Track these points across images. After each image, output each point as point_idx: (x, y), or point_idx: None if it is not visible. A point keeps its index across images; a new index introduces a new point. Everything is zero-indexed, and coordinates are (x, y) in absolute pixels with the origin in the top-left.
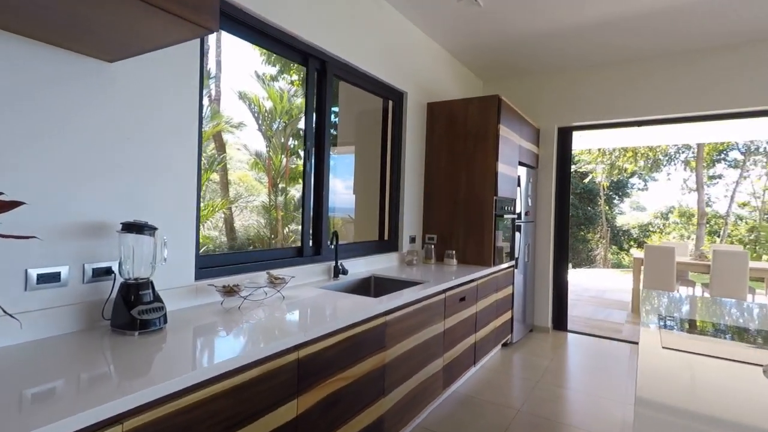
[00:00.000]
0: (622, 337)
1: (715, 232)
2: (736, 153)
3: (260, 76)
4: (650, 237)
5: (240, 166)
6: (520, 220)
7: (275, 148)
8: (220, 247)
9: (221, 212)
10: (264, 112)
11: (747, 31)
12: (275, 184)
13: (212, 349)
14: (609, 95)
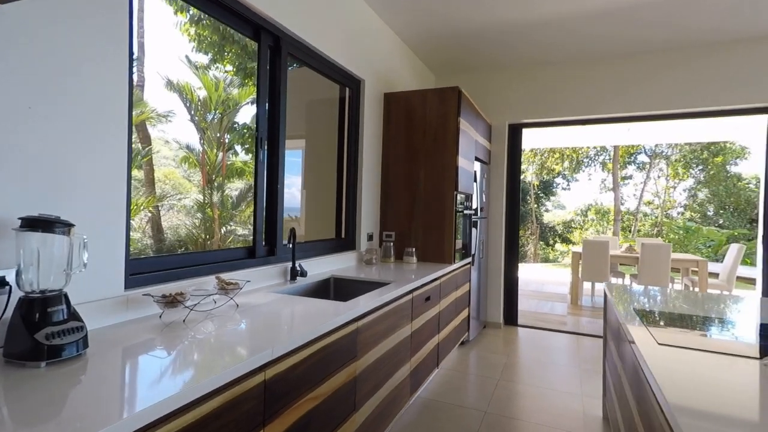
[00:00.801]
0: (567, 329)
1: (627, 228)
2: (644, 156)
3: (192, 62)
4: (572, 233)
5: (165, 163)
6: (476, 216)
7: (210, 141)
8: (145, 251)
9: (146, 211)
10: (197, 102)
11: (691, 35)
12: (210, 181)
13: (151, 380)
14: (558, 93)
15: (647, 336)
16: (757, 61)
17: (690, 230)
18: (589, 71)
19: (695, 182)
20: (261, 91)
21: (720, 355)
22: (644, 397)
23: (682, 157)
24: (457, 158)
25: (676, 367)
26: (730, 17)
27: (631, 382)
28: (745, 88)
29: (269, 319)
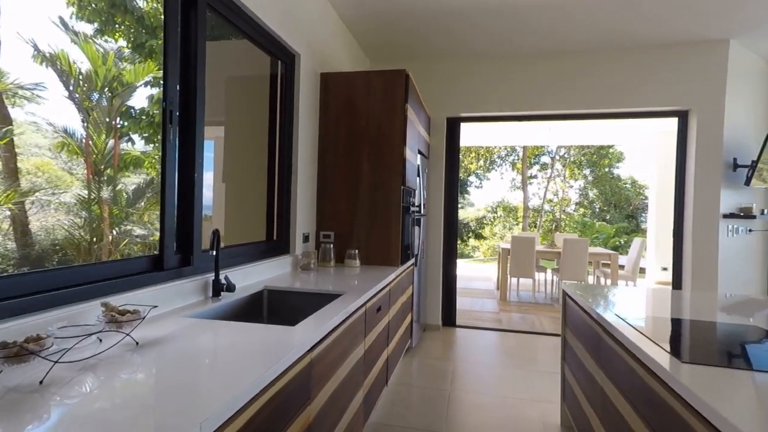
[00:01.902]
0: (503, 326)
1: (533, 224)
2: (546, 158)
3: (69, 27)
4: (484, 229)
5: (38, 153)
6: (419, 213)
7: (97, 125)
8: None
9: (5, 209)
10: (77, 77)
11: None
12: (98, 173)
13: None
14: (497, 88)
15: (661, 354)
16: (672, 66)
17: (586, 225)
18: (529, 67)
19: (585, 182)
20: (169, 57)
21: (748, 372)
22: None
23: (576, 159)
24: (404, 149)
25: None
26: (659, 24)
27: (635, 399)
28: (662, 91)
29: (185, 366)
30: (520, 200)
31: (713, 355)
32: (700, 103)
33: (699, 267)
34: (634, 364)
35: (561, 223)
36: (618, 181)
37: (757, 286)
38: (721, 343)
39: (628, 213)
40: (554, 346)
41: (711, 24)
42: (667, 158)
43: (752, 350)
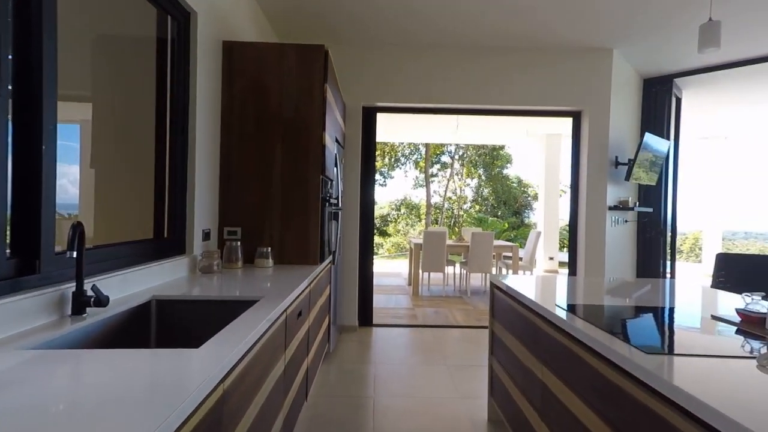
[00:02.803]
0: (419, 322)
1: (435, 221)
2: (447, 157)
3: None
4: (388, 226)
5: None
6: (337, 206)
7: None
8: None
9: None
10: None
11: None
12: None
13: None
14: (414, 79)
15: (614, 340)
16: (568, 69)
17: (482, 220)
18: (444, 61)
19: (480, 181)
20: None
21: (716, 359)
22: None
23: (473, 159)
24: (323, 135)
25: (712, 383)
26: (557, 30)
27: (585, 389)
28: (558, 92)
29: None
30: (423, 198)
31: (653, 338)
32: (591, 104)
33: (591, 255)
34: (587, 356)
35: (459, 220)
36: (507, 180)
37: (631, 270)
38: (645, 326)
39: (515, 209)
40: (470, 338)
41: (598, 34)
42: (552, 159)
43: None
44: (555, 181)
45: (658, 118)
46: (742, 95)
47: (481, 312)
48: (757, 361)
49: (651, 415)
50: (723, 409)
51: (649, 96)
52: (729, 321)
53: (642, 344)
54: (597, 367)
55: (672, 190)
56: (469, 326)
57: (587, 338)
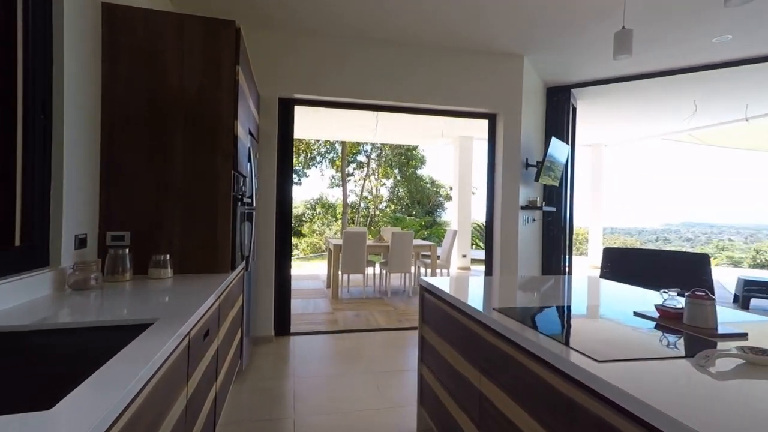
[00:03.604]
0: (340, 327)
1: (351, 221)
2: (363, 156)
3: None
4: (303, 226)
5: None
6: (251, 205)
7: None
8: None
9: None
10: None
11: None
12: None
13: None
14: (333, 71)
15: (561, 347)
16: (485, 72)
17: (398, 220)
18: (365, 53)
19: (395, 181)
20: None
21: (655, 361)
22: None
23: (389, 159)
24: (235, 125)
25: (646, 386)
26: (475, 33)
27: (535, 405)
28: (475, 93)
29: None
30: (339, 197)
31: (600, 343)
32: (505, 108)
33: (505, 252)
34: (533, 365)
35: (375, 219)
36: (421, 180)
37: (537, 266)
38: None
39: (428, 209)
40: (394, 341)
41: (511, 40)
42: (465, 160)
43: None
44: (468, 182)
45: (558, 125)
46: (621, 109)
47: (402, 312)
48: (695, 361)
49: (607, 428)
50: (685, 420)
51: (552, 103)
52: (649, 317)
53: (590, 350)
54: (545, 377)
55: (570, 191)
56: (391, 328)
57: (536, 347)
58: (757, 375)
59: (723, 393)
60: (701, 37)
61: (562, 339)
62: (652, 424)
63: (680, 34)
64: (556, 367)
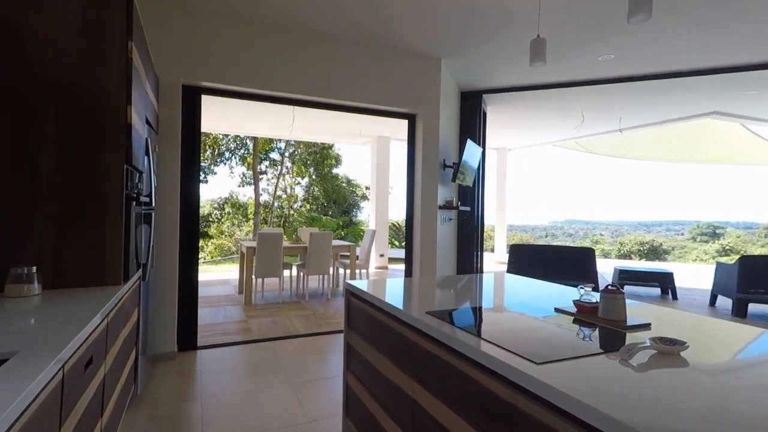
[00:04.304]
0: (255, 336)
1: (264, 221)
2: (276, 154)
3: None
4: (210, 227)
5: None
6: (150, 205)
7: None
8: None
9: None
10: None
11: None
12: None
13: None
14: (247, 59)
15: (499, 351)
16: (405, 72)
17: (315, 219)
18: (284, 44)
19: (311, 180)
20: None
21: (587, 358)
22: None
23: (303, 157)
24: (129, 111)
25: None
26: (396, 33)
27: (472, 412)
28: (396, 93)
29: None
30: (251, 196)
31: (535, 344)
32: (424, 108)
33: (425, 252)
34: (469, 369)
35: (290, 219)
36: (337, 180)
37: (453, 265)
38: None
39: (344, 208)
40: (314, 347)
41: (426, 42)
42: (383, 160)
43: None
44: (385, 182)
45: (472, 128)
46: (522, 117)
47: (321, 316)
48: (619, 355)
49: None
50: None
51: (466, 107)
52: (569, 312)
53: (529, 353)
54: (483, 382)
55: (481, 191)
56: (310, 334)
57: (475, 353)
58: (667, 363)
59: (644, 384)
60: (590, 54)
61: (496, 340)
62: (591, 424)
63: (574, 50)
64: (496, 371)
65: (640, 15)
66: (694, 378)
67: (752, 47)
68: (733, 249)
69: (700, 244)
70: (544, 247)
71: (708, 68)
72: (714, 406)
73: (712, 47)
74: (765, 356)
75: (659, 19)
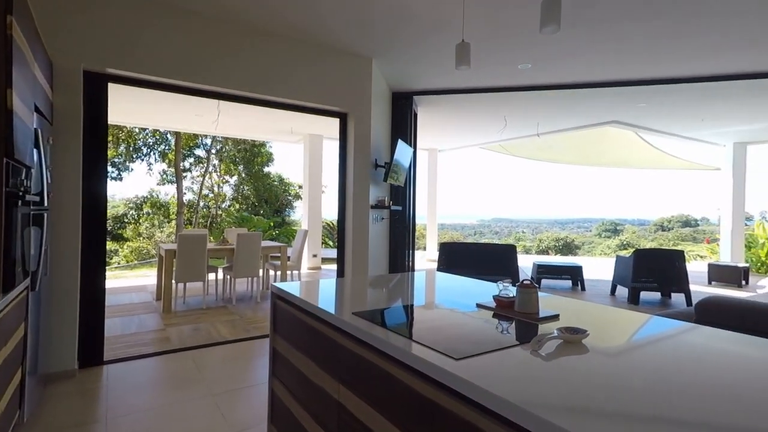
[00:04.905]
0: (174, 346)
1: (188, 221)
2: (201, 151)
3: None
4: (125, 229)
5: None
6: (41, 205)
7: None
8: None
9: None
10: None
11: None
12: None
13: None
14: (167, 47)
15: (425, 350)
16: (337, 70)
17: (245, 219)
18: (210, 31)
19: (240, 179)
20: None
21: (495, 353)
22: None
23: (232, 154)
24: (10, 95)
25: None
26: (328, 28)
27: (396, 412)
28: (327, 91)
29: None
30: (174, 195)
31: (454, 340)
32: (356, 107)
33: (357, 251)
34: (393, 369)
35: (218, 219)
36: (268, 178)
37: (385, 264)
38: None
39: (276, 208)
40: (240, 353)
41: (357, 41)
42: (315, 159)
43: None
44: (318, 180)
45: (403, 128)
46: (451, 119)
47: (250, 320)
48: (530, 346)
49: (466, 426)
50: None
51: (397, 107)
52: (489, 307)
53: (448, 349)
54: (406, 381)
55: (412, 191)
56: (237, 340)
57: (397, 351)
58: (571, 351)
59: (552, 371)
60: (511, 62)
61: (421, 339)
62: (507, 417)
63: (497, 57)
64: (418, 369)
65: (551, 26)
66: (595, 361)
67: (641, 64)
68: (630, 243)
69: (604, 239)
70: (472, 244)
71: (605, 81)
72: (612, 384)
73: (608, 63)
74: (652, 338)
75: (566, 35)
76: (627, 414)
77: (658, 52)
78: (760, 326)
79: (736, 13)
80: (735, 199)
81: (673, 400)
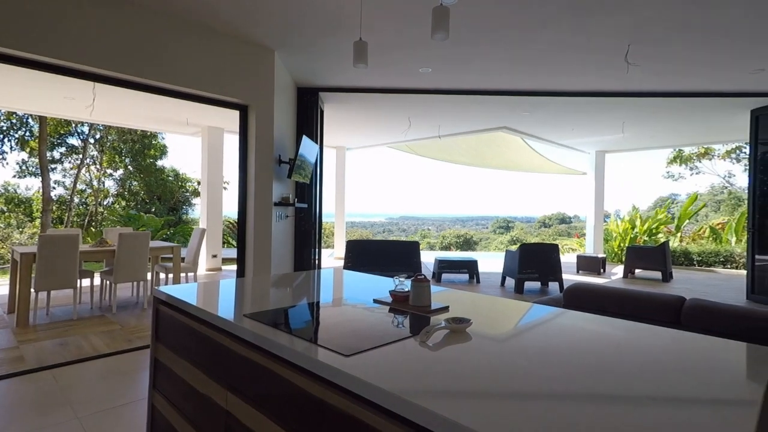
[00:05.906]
0: (29, 366)
1: (58, 220)
2: (75, 139)
3: None
4: None
5: None
6: None
7: None
8: None
9: None
10: None
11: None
12: None
13: None
14: (31, 15)
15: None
16: (236, 61)
17: (132, 218)
18: (82, 3)
19: (127, 172)
20: None
21: (392, 345)
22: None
23: (116, 145)
24: None
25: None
26: (225, 14)
27: (286, 415)
28: (226, 81)
29: None
30: (38, 189)
31: (345, 337)
32: (257, 100)
33: (259, 250)
34: (282, 369)
35: (99, 218)
36: (162, 173)
37: (290, 262)
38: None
39: (171, 205)
40: (120, 367)
41: (258, 31)
42: (215, 153)
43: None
44: (218, 176)
45: (308, 125)
46: (358, 118)
47: (132, 330)
48: (419, 338)
49: (354, 423)
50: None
51: (302, 103)
52: (385, 302)
53: (339, 346)
54: (296, 381)
55: (319, 188)
56: (115, 353)
57: (286, 351)
58: (457, 340)
59: (439, 361)
60: (412, 65)
61: (313, 338)
62: (389, 408)
63: (398, 58)
64: (307, 369)
65: (440, 33)
66: (479, 348)
67: (524, 76)
68: (518, 239)
69: (498, 235)
70: (377, 242)
71: (496, 90)
72: (497, 367)
73: (497, 73)
74: (533, 323)
75: (460, 43)
76: (504, 393)
77: (536, 66)
78: (609, 308)
79: (596, 33)
80: (597, 199)
81: (550, 374)
